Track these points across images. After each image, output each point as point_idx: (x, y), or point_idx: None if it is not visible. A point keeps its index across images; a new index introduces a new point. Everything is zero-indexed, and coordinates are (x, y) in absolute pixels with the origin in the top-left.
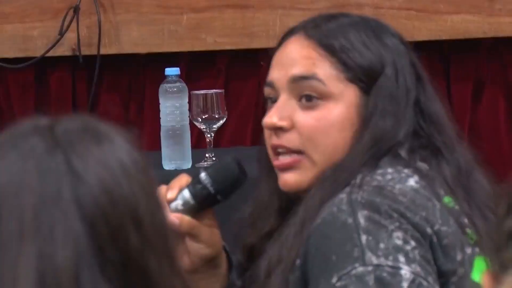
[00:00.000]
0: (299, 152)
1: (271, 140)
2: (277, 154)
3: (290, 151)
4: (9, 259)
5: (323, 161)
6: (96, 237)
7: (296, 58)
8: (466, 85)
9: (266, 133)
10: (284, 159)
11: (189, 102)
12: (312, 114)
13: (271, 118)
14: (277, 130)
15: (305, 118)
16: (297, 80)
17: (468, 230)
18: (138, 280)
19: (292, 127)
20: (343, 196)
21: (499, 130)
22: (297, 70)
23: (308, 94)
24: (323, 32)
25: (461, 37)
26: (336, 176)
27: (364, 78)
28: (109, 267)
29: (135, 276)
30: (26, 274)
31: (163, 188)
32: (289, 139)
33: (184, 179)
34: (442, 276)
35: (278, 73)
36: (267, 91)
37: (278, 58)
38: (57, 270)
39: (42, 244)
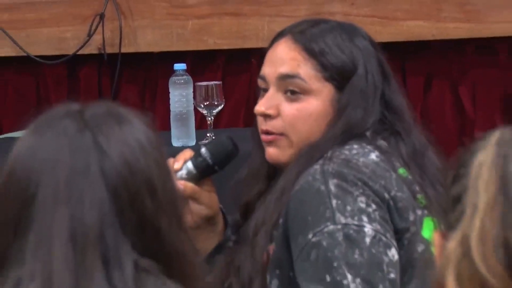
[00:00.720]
0: (281, 134)
1: (260, 124)
2: (264, 133)
3: (273, 134)
4: (46, 220)
5: (300, 142)
6: (117, 202)
7: (284, 58)
8: (418, 79)
9: (258, 117)
10: (268, 137)
11: (194, 92)
12: (295, 105)
13: (261, 107)
14: (265, 116)
15: (288, 108)
16: (284, 78)
17: (419, 196)
18: (152, 236)
19: (278, 115)
20: (317, 167)
21: (445, 115)
22: (284, 69)
23: (292, 90)
24: (307, 37)
25: (414, 39)
26: (311, 153)
27: (339, 77)
28: (128, 226)
29: (149, 233)
30: (60, 232)
31: (171, 160)
32: (274, 125)
33: (188, 153)
34: (398, 233)
35: (269, 69)
36: (260, 82)
37: (270, 56)
38: (85, 228)
39: (73, 208)
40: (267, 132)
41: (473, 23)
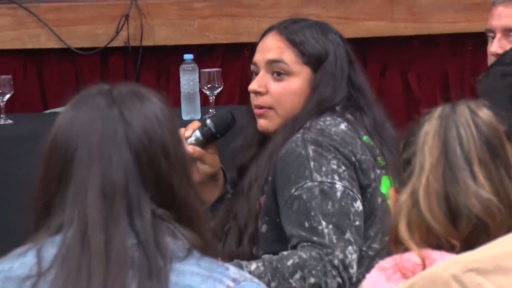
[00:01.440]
0: (269, 108)
1: (253, 100)
2: (256, 108)
3: (263, 108)
4: (82, 177)
5: (284, 114)
6: (138, 163)
7: (271, 47)
8: (375, 67)
9: (251, 95)
10: (259, 110)
11: (199, 77)
12: (280, 84)
13: (253, 85)
14: (257, 93)
15: (275, 86)
16: (271, 62)
17: (378, 158)
18: (166, 191)
19: (266, 92)
20: (298, 135)
21: (397, 96)
22: (271, 55)
23: (278, 71)
24: (289, 31)
25: (372, 35)
26: (293, 124)
27: (314, 62)
28: (147, 182)
29: (164, 188)
30: (93, 186)
31: (182, 130)
32: (264, 101)
33: (196, 124)
34: (362, 188)
35: (259, 56)
36: (252, 67)
37: (260, 46)
38: (113, 183)
39: (103, 167)
40: (259, 107)
41: (419, 23)
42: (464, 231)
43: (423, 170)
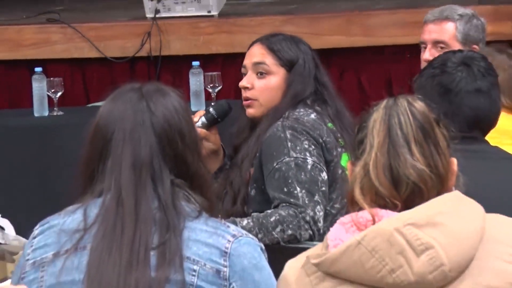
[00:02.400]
0: (255, 99)
1: (243, 94)
2: (245, 100)
3: (250, 99)
4: (117, 153)
5: (266, 104)
6: (160, 143)
7: (256, 53)
8: (335, 71)
9: (242, 90)
10: (246, 102)
11: (204, 78)
12: (263, 81)
13: (243, 82)
14: (245, 88)
15: (259, 83)
16: (256, 64)
17: (339, 140)
18: (181, 164)
19: (252, 87)
20: (279, 123)
21: (353, 93)
22: (256, 59)
23: (261, 71)
24: (269, 42)
25: (334, 47)
26: (275, 114)
27: (288, 65)
28: (167, 158)
29: (180, 162)
30: (126, 161)
31: (192, 117)
32: (250, 94)
33: (202, 112)
34: (327, 163)
35: (247, 61)
36: (242, 70)
37: (248, 54)
38: (141, 159)
39: (134, 146)
40: (246, 99)
41: (369, 37)
42: (404, 194)
43: (372, 148)
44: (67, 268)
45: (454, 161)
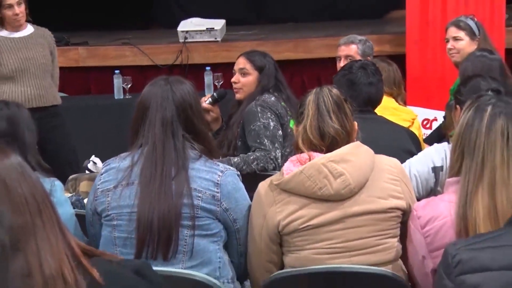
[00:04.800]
0: (240, 88)
1: (233, 86)
2: (234, 89)
3: (237, 89)
4: (152, 117)
5: (246, 92)
6: (178, 110)
7: (240, 62)
8: (287, 75)
9: (232, 83)
10: (235, 90)
11: (212, 77)
12: (244, 79)
13: (234, 79)
14: (234, 83)
15: (242, 80)
16: (240, 69)
17: (288, 112)
18: (191, 125)
19: (239, 82)
20: (253, 103)
21: (298, 85)
22: (240, 66)
23: (243, 73)
24: (248, 55)
25: (288, 58)
26: (251, 97)
27: (259, 69)
28: (182, 120)
29: (190, 123)
30: (157, 122)
31: (203, 98)
32: (237, 86)
33: (209, 95)
34: (281, 125)
35: (236, 67)
36: (233, 72)
37: (236, 62)
38: (167, 121)
39: (162, 112)
40: (235, 89)
41: (309, 53)
42: (326, 143)
43: (308, 116)
44: (123, 195)
45: (356, 124)
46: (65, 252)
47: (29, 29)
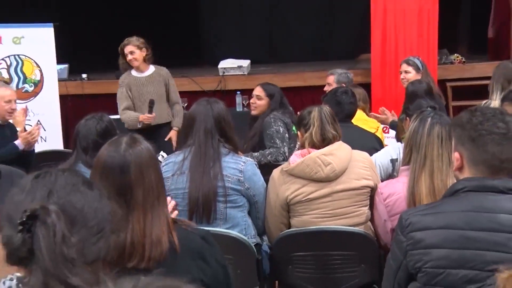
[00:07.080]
0: (256, 108)
1: (251, 105)
2: (251, 108)
3: (254, 108)
4: (197, 127)
5: (260, 111)
6: (215, 122)
7: (257, 90)
8: (291, 96)
9: (251, 104)
10: (252, 108)
11: (241, 99)
12: (259, 101)
13: (251, 101)
14: (252, 103)
15: (258, 102)
16: (257, 95)
17: (292, 123)
18: (223, 132)
19: (255, 103)
20: (268, 117)
21: (297, 104)
22: (257, 93)
23: (258, 98)
24: (263, 85)
25: (291, 86)
26: (264, 115)
27: (270, 96)
28: (217, 129)
29: (223, 131)
30: (201, 130)
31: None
32: (254, 105)
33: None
34: (287, 130)
35: (254, 93)
36: (252, 96)
37: (255, 90)
38: (208, 129)
39: (205, 123)
40: (252, 107)
41: (305, 82)
42: (325, 144)
43: (314, 126)
44: (178, 181)
45: (340, 130)
46: (166, 224)
47: (150, 69)
